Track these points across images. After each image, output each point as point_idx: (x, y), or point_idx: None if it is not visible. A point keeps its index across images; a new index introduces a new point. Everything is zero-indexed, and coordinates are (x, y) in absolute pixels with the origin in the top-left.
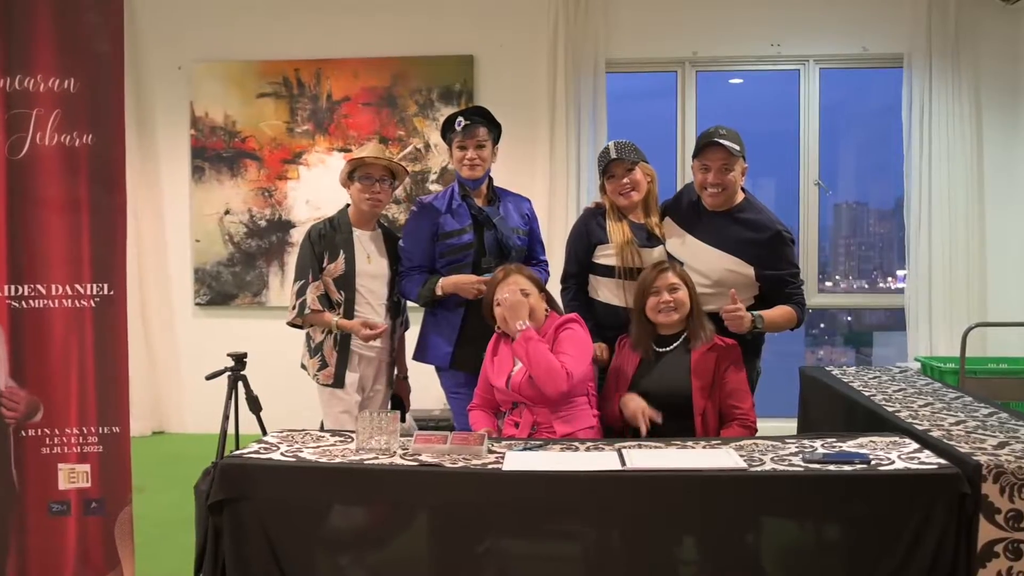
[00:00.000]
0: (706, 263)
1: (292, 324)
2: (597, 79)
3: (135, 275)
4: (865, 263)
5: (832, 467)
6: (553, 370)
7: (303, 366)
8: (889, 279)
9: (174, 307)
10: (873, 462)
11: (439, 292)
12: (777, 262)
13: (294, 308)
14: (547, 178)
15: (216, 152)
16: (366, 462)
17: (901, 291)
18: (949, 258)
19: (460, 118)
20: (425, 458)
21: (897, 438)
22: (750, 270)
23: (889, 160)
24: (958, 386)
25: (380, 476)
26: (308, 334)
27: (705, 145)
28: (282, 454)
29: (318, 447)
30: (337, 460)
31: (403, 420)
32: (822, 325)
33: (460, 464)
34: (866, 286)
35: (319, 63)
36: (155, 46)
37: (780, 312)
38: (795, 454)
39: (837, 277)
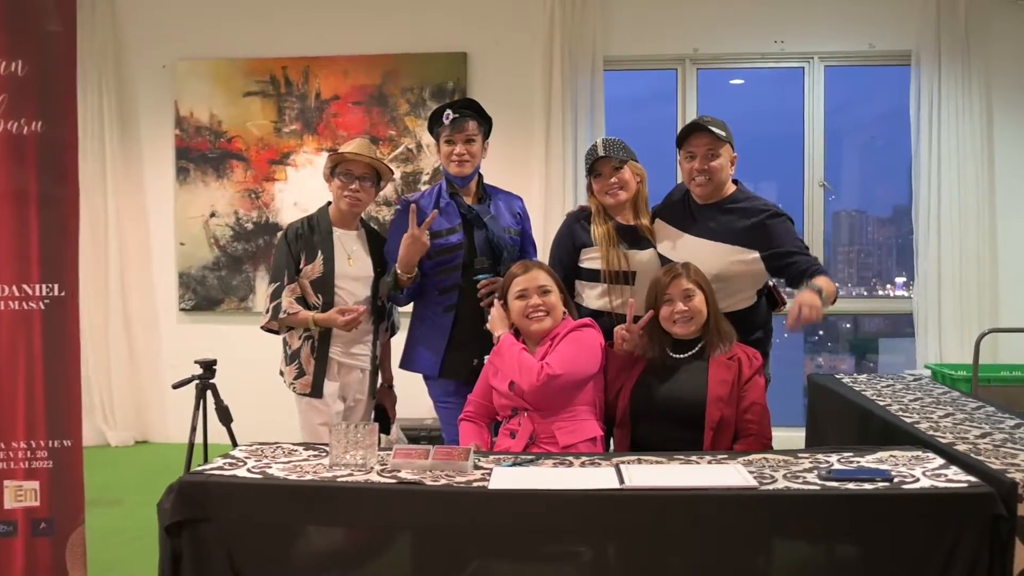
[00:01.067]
0: (703, 259)
1: (267, 329)
2: (595, 77)
3: (117, 280)
4: (864, 271)
5: (851, 485)
6: (525, 365)
7: (281, 373)
8: (888, 286)
9: (158, 312)
10: (896, 479)
11: (403, 274)
12: (782, 237)
13: (268, 311)
14: (543, 180)
15: (201, 153)
16: (339, 479)
17: (906, 297)
18: (959, 262)
19: (448, 111)
20: (405, 475)
21: (920, 452)
22: (753, 254)
23: (891, 165)
24: (971, 394)
25: (354, 495)
26: (285, 340)
27: (689, 132)
28: (248, 470)
29: (289, 462)
30: (308, 477)
31: (387, 432)
32: (821, 332)
33: (443, 482)
34: (865, 293)
35: (307, 61)
36: (138, 43)
37: (825, 279)
38: (809, 470)
39: (836, 284)
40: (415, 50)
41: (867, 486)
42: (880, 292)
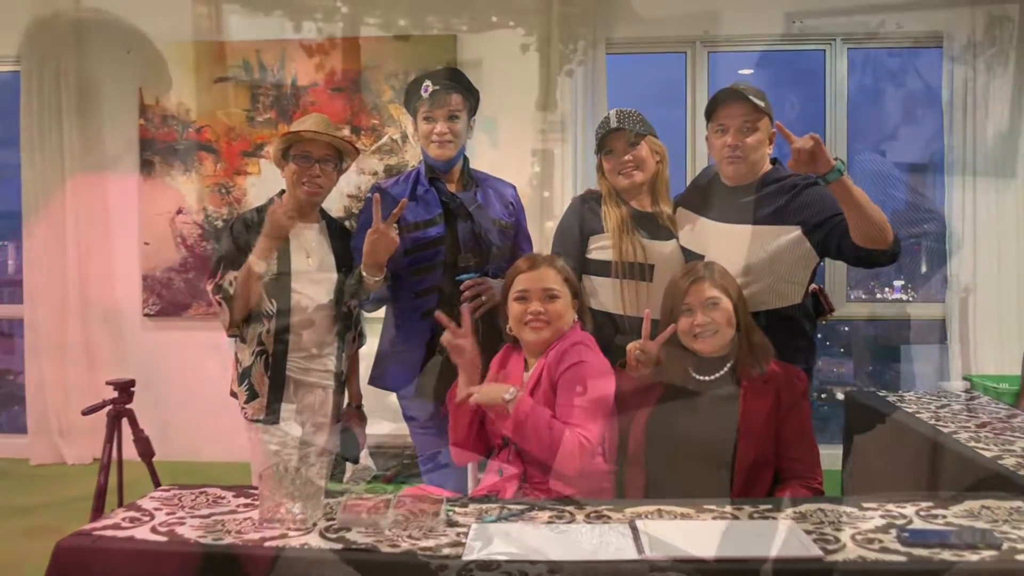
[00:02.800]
0: (732, 248)
1: (232, 334)
2: (596, 61)
3: (76, 282)
4: (858, 272)
5: (947, 554)
6: (556, 440)
7: (233, 394)
8: (887, 290)
9: (120, 318)
10: (1005, 546)
11: (369, 276)
12: (828, 201)
13: (220, 305)
14: (540, 176)
15: (168, 144)
16: (268, 543)
17: (935, 302)
18: (997, 265)
19: (427, 82)
20: (355, 536)
21: (1021, 503)
22: (794, 231)
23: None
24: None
25: (283, 566)
26: (236, 355)
27: (721, 101)
28: (153, 528)
29: (209, 516)
30: (227, 540)
31: (355, 461)
32: (819, 336)
33: (404, 547)
34: (863, 297)
35: (283, 44)
36: (101, 26)
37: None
38: (883, 529)
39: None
40: (400, 33)
41: (969, 555)
42: (879, 296)
